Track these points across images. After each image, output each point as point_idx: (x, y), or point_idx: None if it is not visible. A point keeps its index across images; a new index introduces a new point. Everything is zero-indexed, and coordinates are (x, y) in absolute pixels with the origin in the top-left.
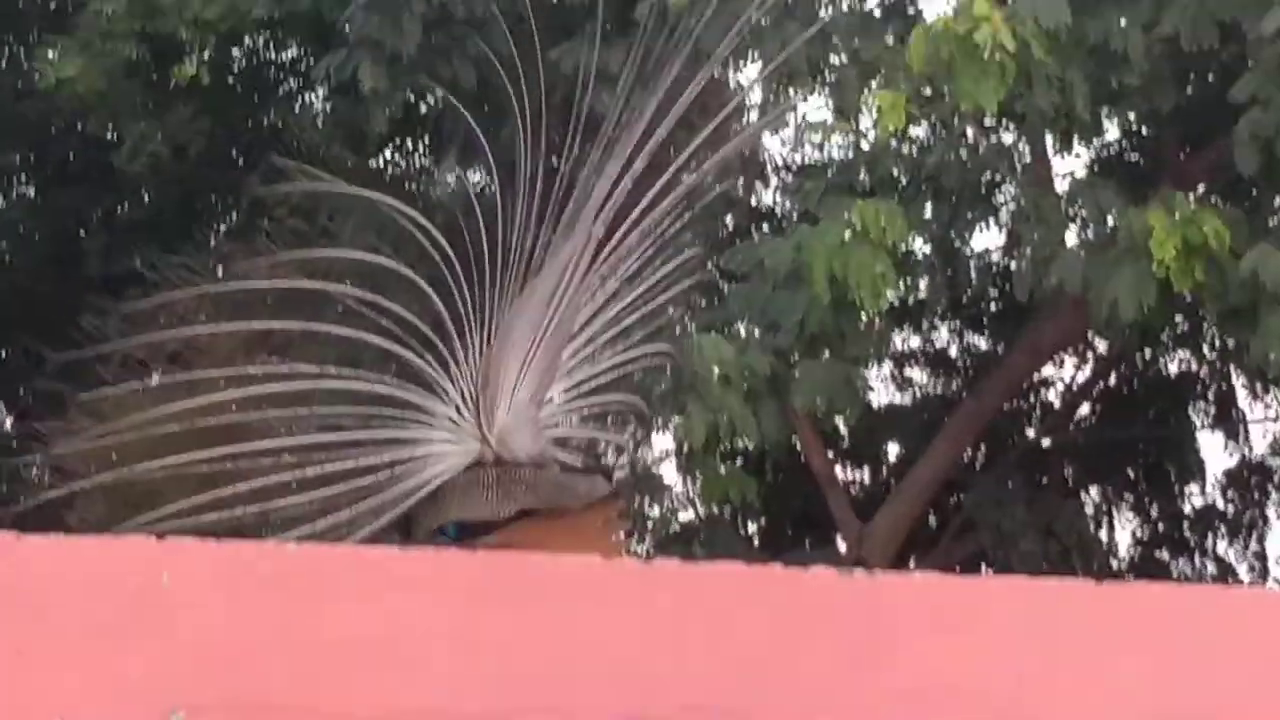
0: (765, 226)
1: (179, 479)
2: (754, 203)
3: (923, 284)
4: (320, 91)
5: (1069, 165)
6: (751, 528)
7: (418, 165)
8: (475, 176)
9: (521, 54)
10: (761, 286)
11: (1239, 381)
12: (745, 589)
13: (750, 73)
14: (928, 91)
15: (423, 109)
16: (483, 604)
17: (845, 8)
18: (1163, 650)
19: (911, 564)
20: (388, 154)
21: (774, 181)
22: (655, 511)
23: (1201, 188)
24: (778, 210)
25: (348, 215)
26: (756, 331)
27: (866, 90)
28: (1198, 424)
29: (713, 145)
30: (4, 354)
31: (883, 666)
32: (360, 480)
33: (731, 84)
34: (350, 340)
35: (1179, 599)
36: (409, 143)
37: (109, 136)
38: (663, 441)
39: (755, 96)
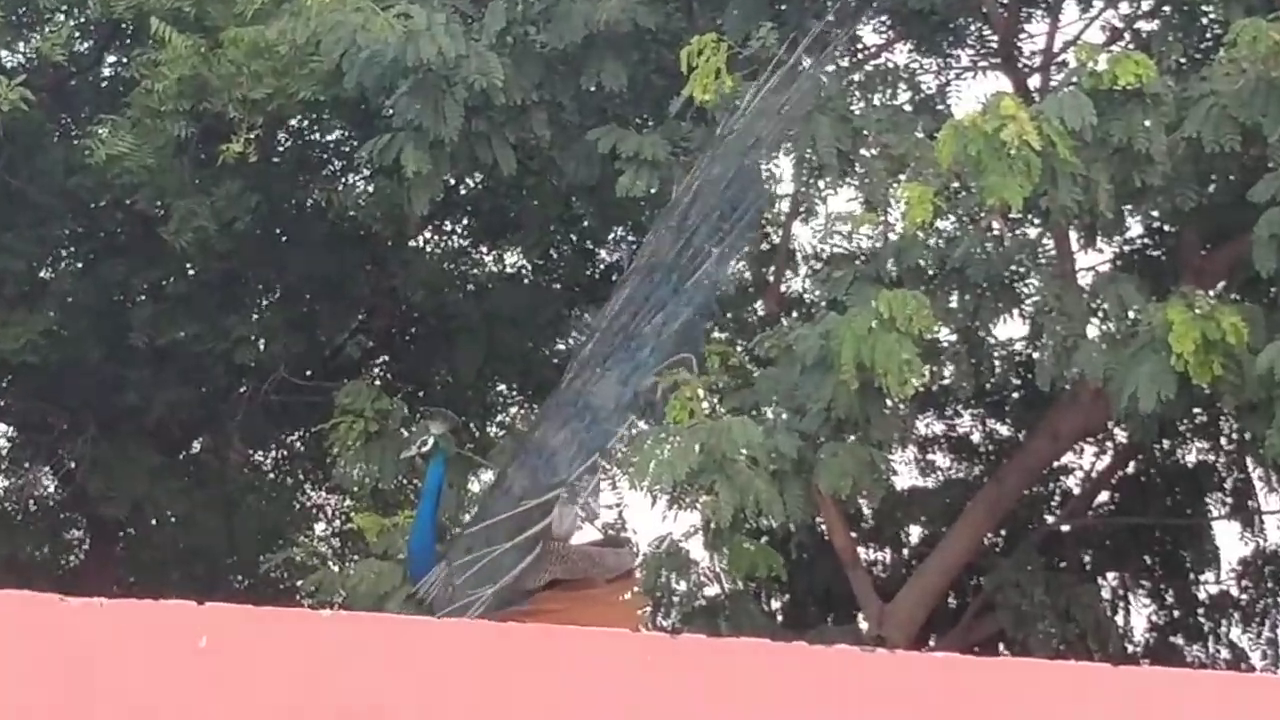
0: (794, 313)
1: None
2: (784, 290)
3: (947, 371)
4: (364, 172)
5: (1092, 260)
6: (775, 604)
7: (456, 245)
8: (512, 258)
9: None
10: (790, 371)
11: (1255, 473)
12: (770, 664)
13: (783, 165)
14: (955, 186)
15: (462, 190)
16: (515, 674)
17: (876, 103)
18: None
19: (932, 643)
20: (427, 234)
21: (803, 270)
22: (681, 586)
23: (1221, 284)
24: (806, 298)
25: None
26: (784, 414)
27: (895, 183)
28: (1214, 513)
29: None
30: (50, 419)
31: None
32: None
33: (764, 175)
34: None
35: (1193, 685)
36: (448, 223)
37: (157, 212)
38: (690, 518)
39: (787, 187)
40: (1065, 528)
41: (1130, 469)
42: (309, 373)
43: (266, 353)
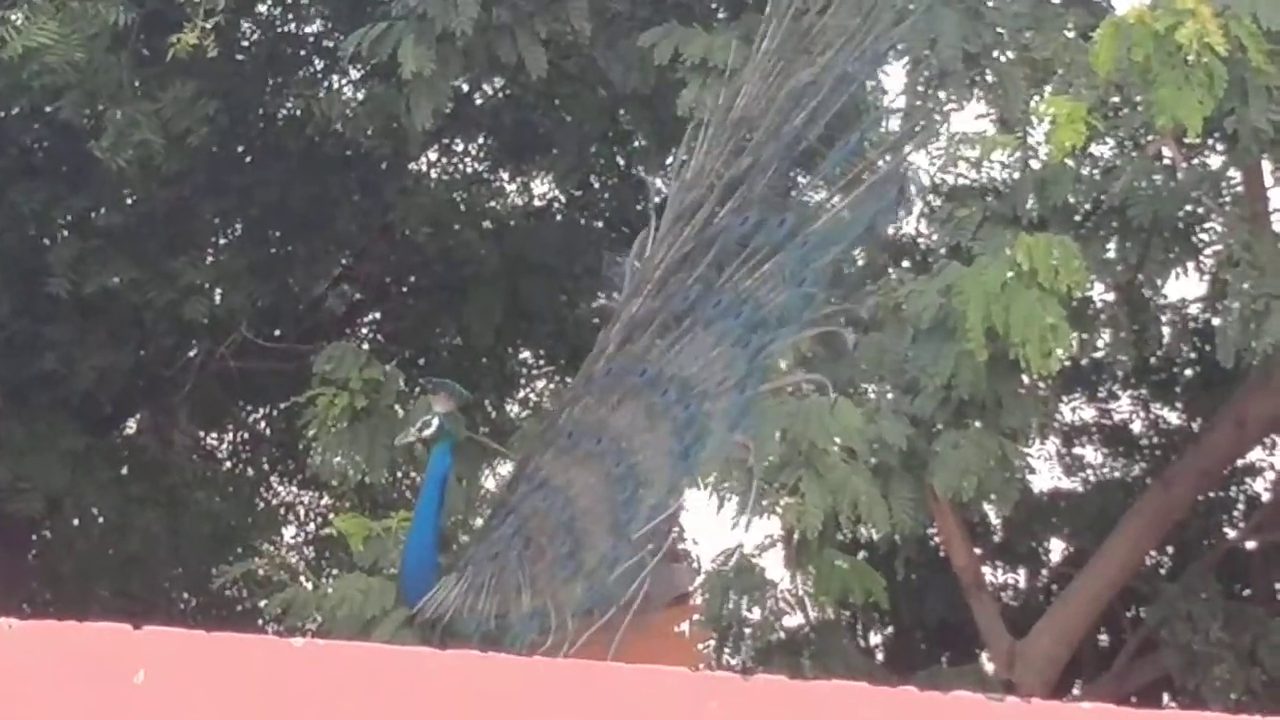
0: (905, 263)
1: None
2: (892, 232)
3: (1102, 340)
4: (352, 74)
5: None
6: (875, 638)
7: (469, 171)
8: (540, 187)
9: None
10: (898, 338)
11: None
12: (868, 714)
13: (895, 72)
14: (1116, 101)
15: (478, 100)
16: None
17: None
18: None
19: (1076, 690)
20: (432, 155)
21: (918, 207)
22: (755, 614)
23: None
24: (921, 243)
25: None
26: (890, 394)
27: (1038, 96)
28: None
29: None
30: None
31: None
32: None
33: (870, 86)
34: None
35: None
36: (459, 142)
37: (86, 122)
38: (767, 526)
39: (899, 101)
40: (1251, 544)
41: None
42: (278, 332)
43: (224, 306)
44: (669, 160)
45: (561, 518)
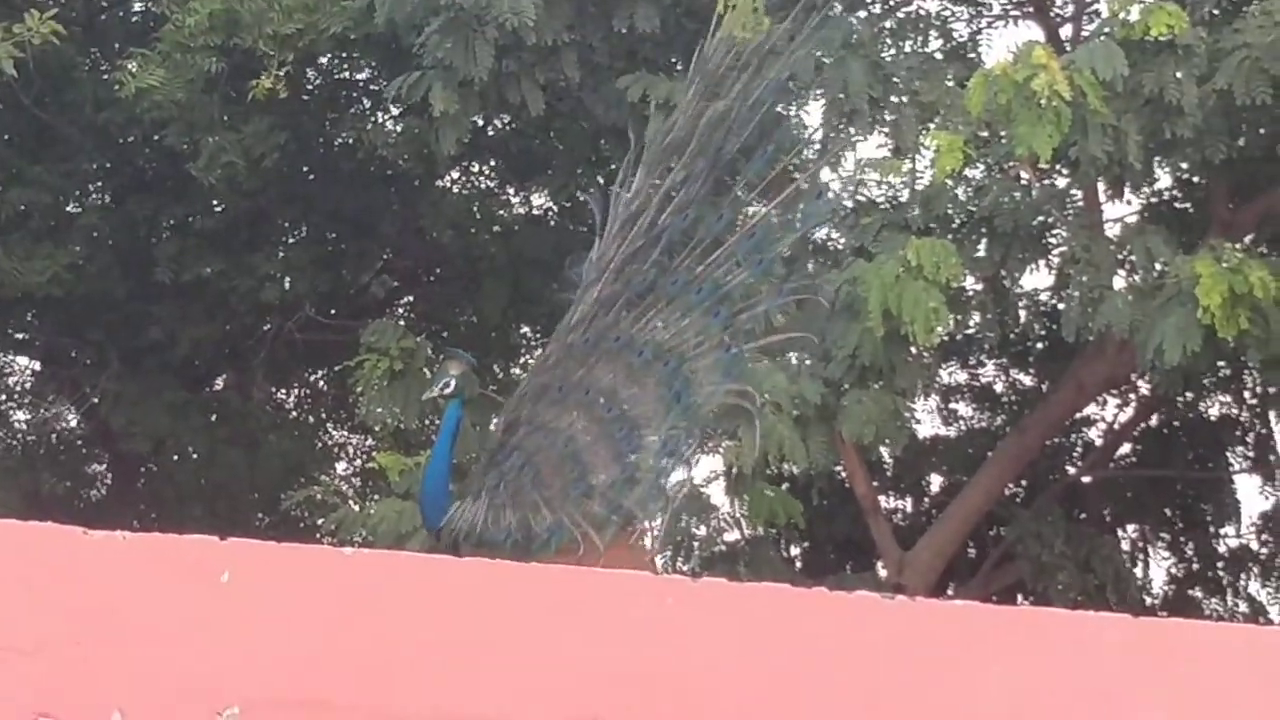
0: (821, 259)
1: None
2: (810, 236)
3: (973, 321)
4: (392, 111)
5: (1120, 211)
6: (795, 551)
7: (483, 186)
8: (539, 199)
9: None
10: (815, 317)
11: (1277, 427)
12: (790, 610)
13: (813, 110)
14: (985, 134)
15: (491, 131)
16: (540, 615)
17: (908, 49)
18: (1194, 687)
19: (950, 592)
20: (455, 174)
21: (831, 215)
22: (701, 531)
23: (1249, 238)
24: (831, 245)
25: None
26: (808, 360)
27: (925, 131)
28: (1235, 467)
29: (775, 180)
30: (74, 353)
31: (920, 690)
32: None
33: (793, 120)
34: None
35: (1211, 637)
36: (476, 164)
37: (185, 147)
38: (712, 463)
39: (818, 133)
40: (1086, 479)
41: (1153, 421)
42: (334, 311)
43: (292, 291)
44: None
45: (565, 451)
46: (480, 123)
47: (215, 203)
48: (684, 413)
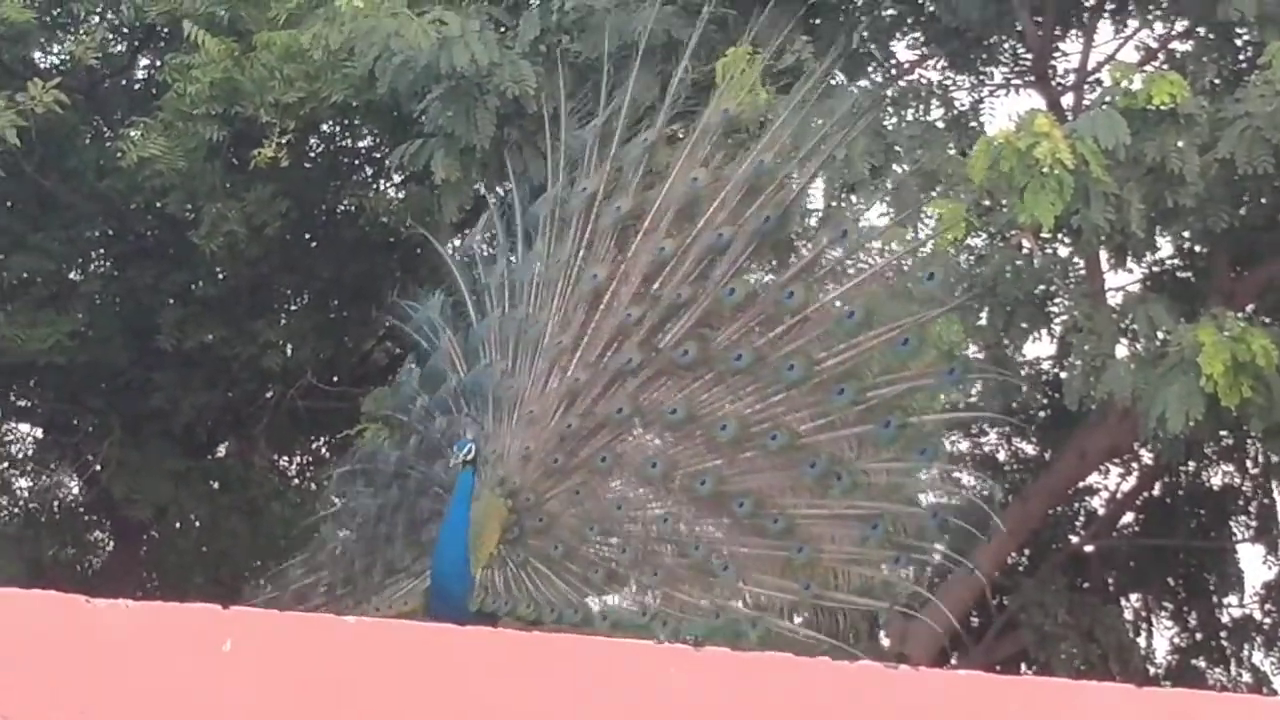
0: None
1: None
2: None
3: (975, 389)
4: (394, 178)
5: (1122, 279)
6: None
7: (486, 254)
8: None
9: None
10: None
11: None
12: (793, 680)
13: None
14: (987, 203)
15: (492, 199)
16: (543, 684)
17: (910, 118)
18: None
19: (954, 661)
20: (457, 241)
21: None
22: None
23: (1251, 306)
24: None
25: None
26: None
27: (927, 199)
28: (1238, 536)
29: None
30: (76, 421)
31: None
32: None
33: (795, 189)
34: None
35: (1215, 707)
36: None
37: (187, 215)
38: None
39: (817, 202)
40: (1089, 548)
41: (1156, 490)
42: (336, 378)
43: (294, 358)
44: None
45: (685, 539)
46: (482, 190)
47: (217, 270)
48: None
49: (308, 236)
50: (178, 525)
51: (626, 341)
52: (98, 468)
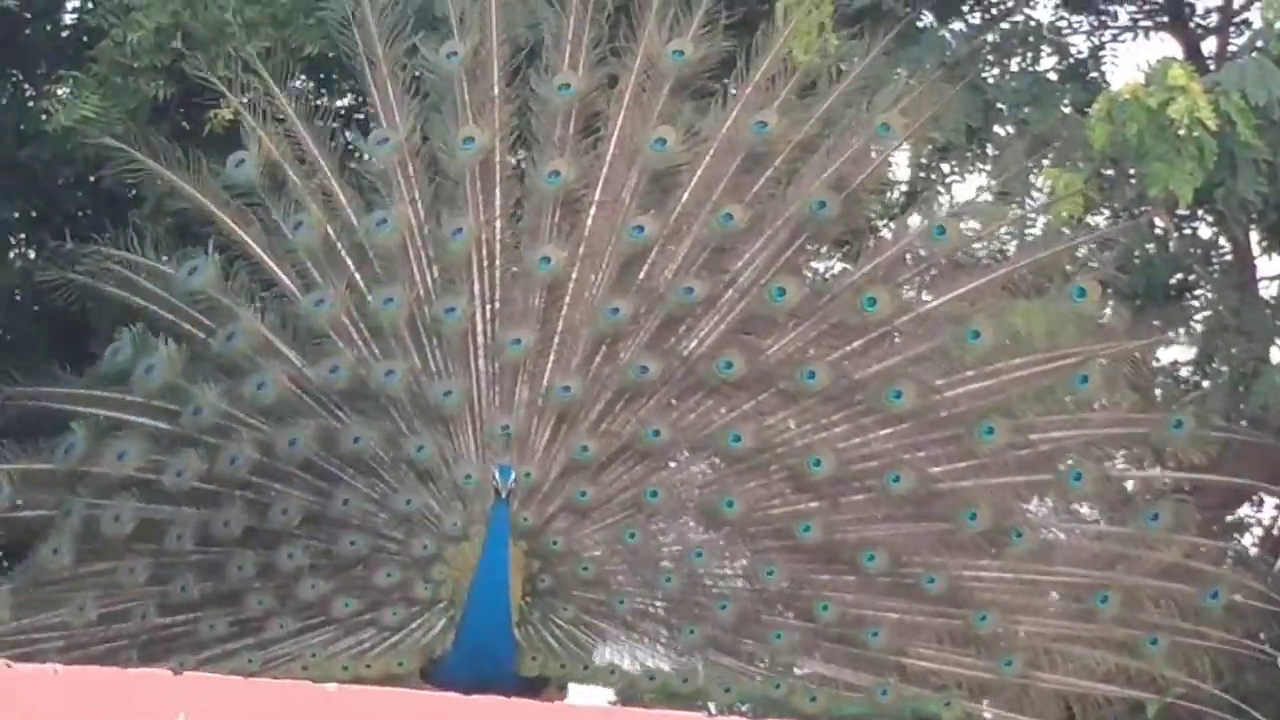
0: None
1: None
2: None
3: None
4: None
5: (1277, 267)
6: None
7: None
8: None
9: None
10: None
11: None
12: None
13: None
14: (1110, 173)
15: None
16: None
17: (1015, 68)
18: None
19: None
20: None
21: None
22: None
23: None
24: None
25: None
26: None
27: (1036, 169)
28: None
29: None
30: None
31: None
32: None
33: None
34: None
35: None
36: None
37: (128, 192)
38: None
39: (903, 173)
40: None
41: None
42: None
43: None
44: None
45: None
46: None
47: (164, 257)
48: None
49: None
50: None
51: (623, 344)
52: None
